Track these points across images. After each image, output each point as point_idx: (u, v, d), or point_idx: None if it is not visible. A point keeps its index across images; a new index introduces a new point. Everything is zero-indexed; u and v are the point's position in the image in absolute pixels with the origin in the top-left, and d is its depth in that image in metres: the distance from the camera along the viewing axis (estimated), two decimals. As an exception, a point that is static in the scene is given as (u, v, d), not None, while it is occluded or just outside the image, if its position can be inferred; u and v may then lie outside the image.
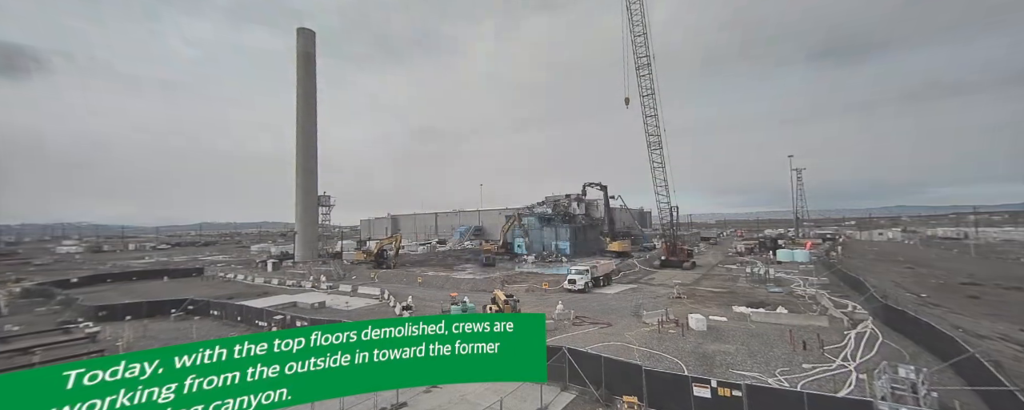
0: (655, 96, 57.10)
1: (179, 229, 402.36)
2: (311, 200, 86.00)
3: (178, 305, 36.87)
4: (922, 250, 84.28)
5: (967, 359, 17.93)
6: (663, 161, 58.34)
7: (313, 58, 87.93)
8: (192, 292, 45.48)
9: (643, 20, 56.06)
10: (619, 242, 69.96)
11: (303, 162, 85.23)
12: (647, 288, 43.89)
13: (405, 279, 53.60)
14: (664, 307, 31.01)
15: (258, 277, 61.07)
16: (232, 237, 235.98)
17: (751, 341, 24.49)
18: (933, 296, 36.98)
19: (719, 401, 15.33)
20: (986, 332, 25.19)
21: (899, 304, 28.79)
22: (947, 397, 15.86)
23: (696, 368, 20.60)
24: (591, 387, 17.73)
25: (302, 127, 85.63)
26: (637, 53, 56.83)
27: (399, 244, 70.06)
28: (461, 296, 35.64)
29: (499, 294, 31.01)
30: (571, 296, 39.41)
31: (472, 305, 28.78)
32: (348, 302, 40.48)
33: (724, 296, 38.41)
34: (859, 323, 27.24)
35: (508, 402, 16.66)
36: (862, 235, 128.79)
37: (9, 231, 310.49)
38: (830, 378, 18.92)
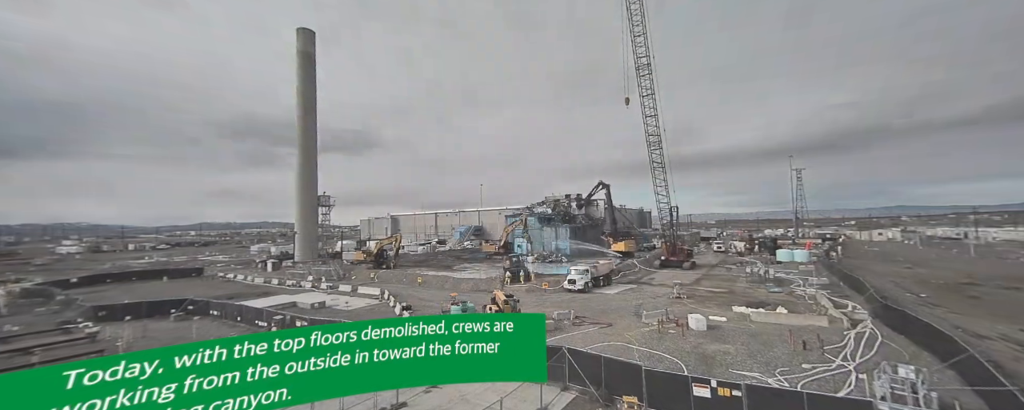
0: (655, 96, 57.12)
1: (179, 229, 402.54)
2: (311, 200, 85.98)
3: (178, 305, 36.89)
4: (922, 250, 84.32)
5: (967, 359, 17.96)
6: (663, 161, 58.37)
7: (313, 58, 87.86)
8: (192, 292, 45.49)
9: (643, 21, 56.00)
10: (624, 242, 69.57)
11: (303, 162, 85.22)
12: (647, 288, 43.92)
13: (405, 279, 53.62)
14: (664, 307, 31.04)
15: (258, 277, 61.12)
16: (232, 237, 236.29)
17: (751, 341, 24.52)
18: (933, 296, 37.02)
19: (719, 401, 15.36)
20: (986, 332, 25.22)
21: (899, 304, 28.83)
22: (947, 397, 15.87)
23: (696, 368, 20.61)
24: (591, 387, 17.75)
25: (302, 127, 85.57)
26: (637, 53, 56.71)
27: (399, 244, 69.94)
28: (460, 296, 35.70)
29: (499, 294, 31.03)
30: (571, 296, 39.45)
31: (472, 305, 28.82)
32: (348, 302, 40.51)
33: (724, 296, 38.43)
34: (859, 323, 27.25)
35: (508, 402, 16.67)
36: (862, 235, 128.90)
37: (9, 231, 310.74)
38: (830, 378, 18.95)
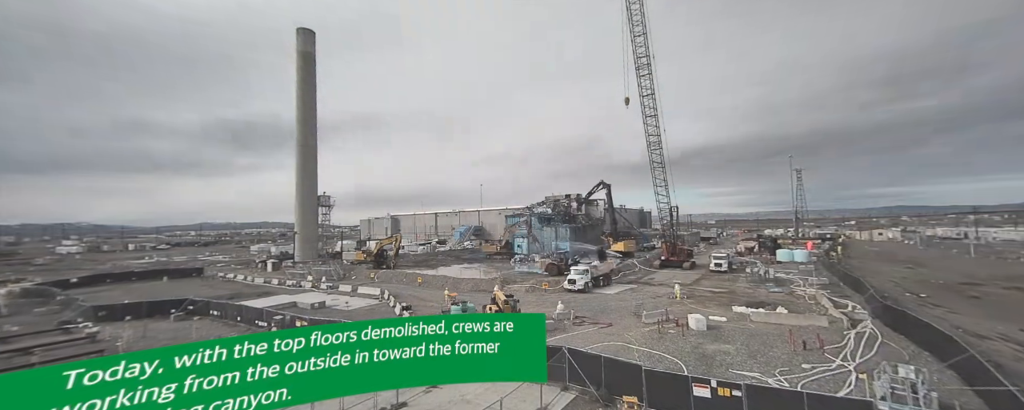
0: (655, 96, 56.92)
1: (179, 229, 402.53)
2: (311, 200, 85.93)
3: (178, 305, 36.87)
4: (922, 250, 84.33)
5: (967, 359, 17.96)
6: (663, 160, 58.23)
7: (313, 58, 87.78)
8: (192, 292, 45.49)
9: (643, 20, 55.69)
10: (624, 242, 69.79)
11: (303, 162, 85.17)
12: (648, 288, 43.91)
13: (405, 279, 53.62)
14: (664, 307, 31.03)
15: (258, 277, 61.13)
16: (232, 237, 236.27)
17: (751, 341, 24.51)
18: (933, 296, 37.03)
19: (719, 401, 15.36)
20: (986, 332, 25.24)
21: (899, 304, 28.83)
22: (947, 397, 15.87)
23: (696, 368, 20.61)
24: (591, 387, 17.74)
25: (302, 127, 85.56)
26: (637, 53, 56.45)
27: (399, 244, 70.03)
28: (460, 296, 35.68)
29: (499, 294, 31.01)
30: (571, 296, 39.44)
31: (472, 305, 28.78)
32: (348, 302, 40.50)
33: (724, 296, 38.43)
34: (859, 323, 27.25)
35: (508, 402, 16.67)
36: (862, 235, 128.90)
37: (9, 231, 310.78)
38: (830, 378, 18.95)
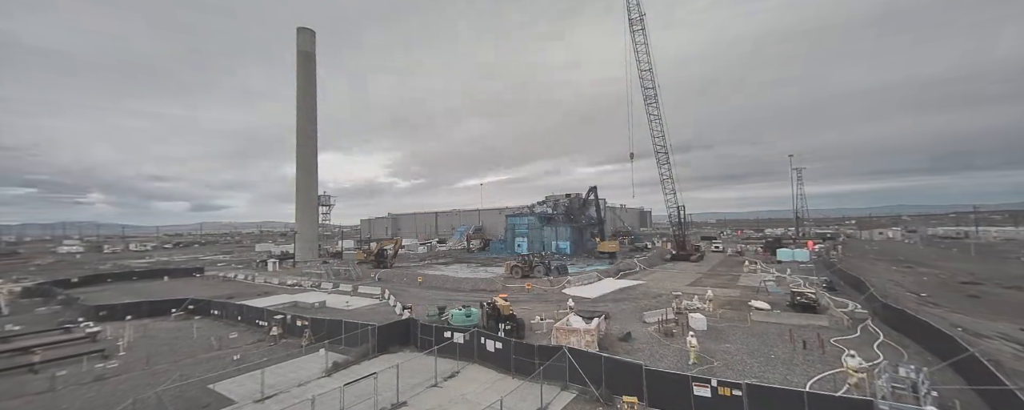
0: (661, 119, 61.88)
1: (179, 229, 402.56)
2: (311, 200, 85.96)
3: (178, 305, 36.93)
4: (922, 249, 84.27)
5: (967, 358, 17.93)
6: (670, 173, 63.74)
7: (313, 58, 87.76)
8: (192, 292, 45.58)
9: (648, 59, 60.33)
10: (608, 242, 71.06)
11: (303, 162, 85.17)
12: (650, 288, 43.26)
13: (406, 279, 53.64)
14: (664, 307, 30.98)
15: (258, 277, 61.19)
16: (233, 237, 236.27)
17: (751, 341, 24.51)
18: (933, 296, 37.00)
19: (719, 401, 15.35)
20: (986, 331, 25.22)
21: (899, 304, 28.80)
22: (947, 396, 15.86)
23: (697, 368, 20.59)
24: (591, 386, 17.73)
25: (302, 127, 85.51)
26: (644, 86, 61.01)
27: (398, 246, 70.53)
28: (461, 299, 35.48)
29: (500, 300, 30.63)
30: (574, 297, 39.29)
31: (475, 310, 28.60)
32: (349, 302, 40.47)
33: (725, 296, 38.31)
34: (859, 323, 27.24)
35: (508, 401, 16.66)
36: (862, 234, 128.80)
37: (9, 231, 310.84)
38: (830, 378, 18.94)
